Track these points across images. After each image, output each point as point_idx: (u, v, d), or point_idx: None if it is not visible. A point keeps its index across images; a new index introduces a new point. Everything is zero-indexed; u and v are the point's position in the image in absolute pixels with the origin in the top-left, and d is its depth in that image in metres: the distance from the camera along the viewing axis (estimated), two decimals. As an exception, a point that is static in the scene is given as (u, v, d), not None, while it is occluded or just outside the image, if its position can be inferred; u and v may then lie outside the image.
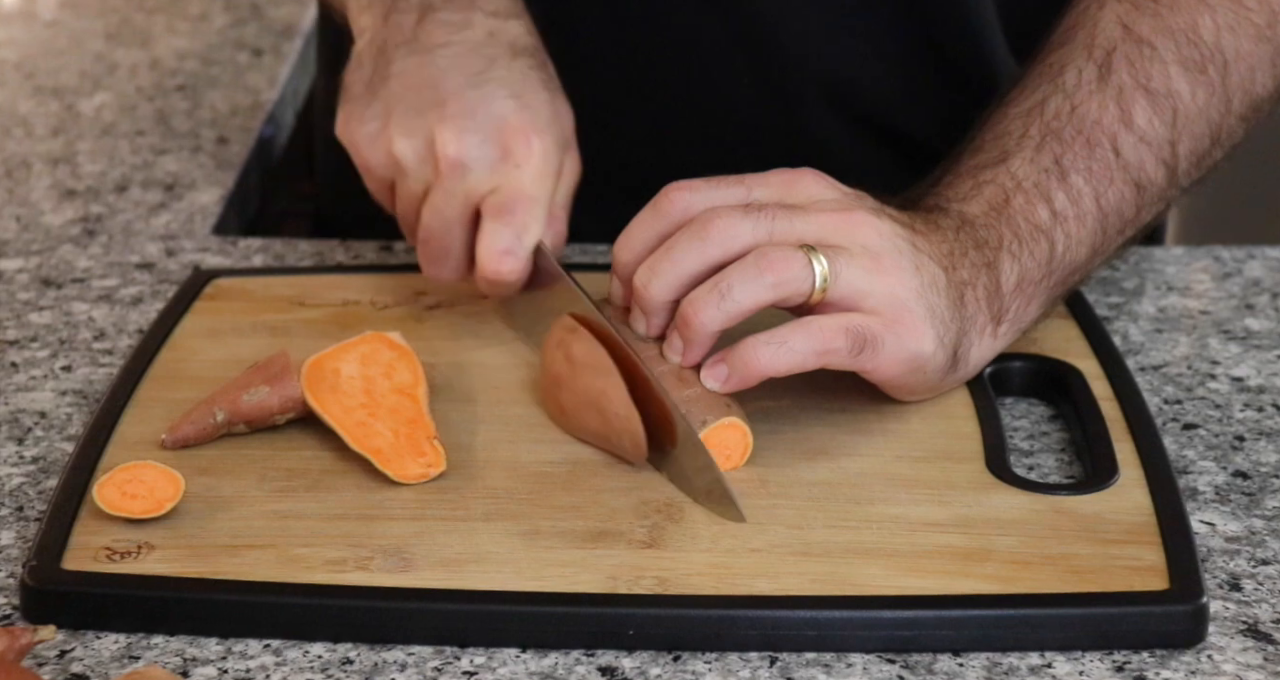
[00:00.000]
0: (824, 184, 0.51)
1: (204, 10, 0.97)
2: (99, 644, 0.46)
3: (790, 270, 0.48)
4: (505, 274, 0.54)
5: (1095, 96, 0.54)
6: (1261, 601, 0.47)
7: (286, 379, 0.52)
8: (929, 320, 0.50)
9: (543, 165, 0.54)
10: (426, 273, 0.57)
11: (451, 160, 0.53)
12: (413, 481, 0.50)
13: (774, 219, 0.48)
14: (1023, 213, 0.53)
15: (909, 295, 0.49)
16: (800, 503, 0.49)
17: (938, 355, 0.50)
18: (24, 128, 0.81)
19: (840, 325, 0.48)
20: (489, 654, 0.45)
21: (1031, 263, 0.52)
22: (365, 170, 0.56)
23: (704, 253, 0.48)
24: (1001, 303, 0.52)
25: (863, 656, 0.45)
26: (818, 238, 0.49)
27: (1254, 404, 0.57)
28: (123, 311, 0.64)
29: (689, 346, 0.49)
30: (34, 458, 0.54)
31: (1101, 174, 0.53)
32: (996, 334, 0.52)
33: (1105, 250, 0.55)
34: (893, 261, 0.49)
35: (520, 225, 0.54)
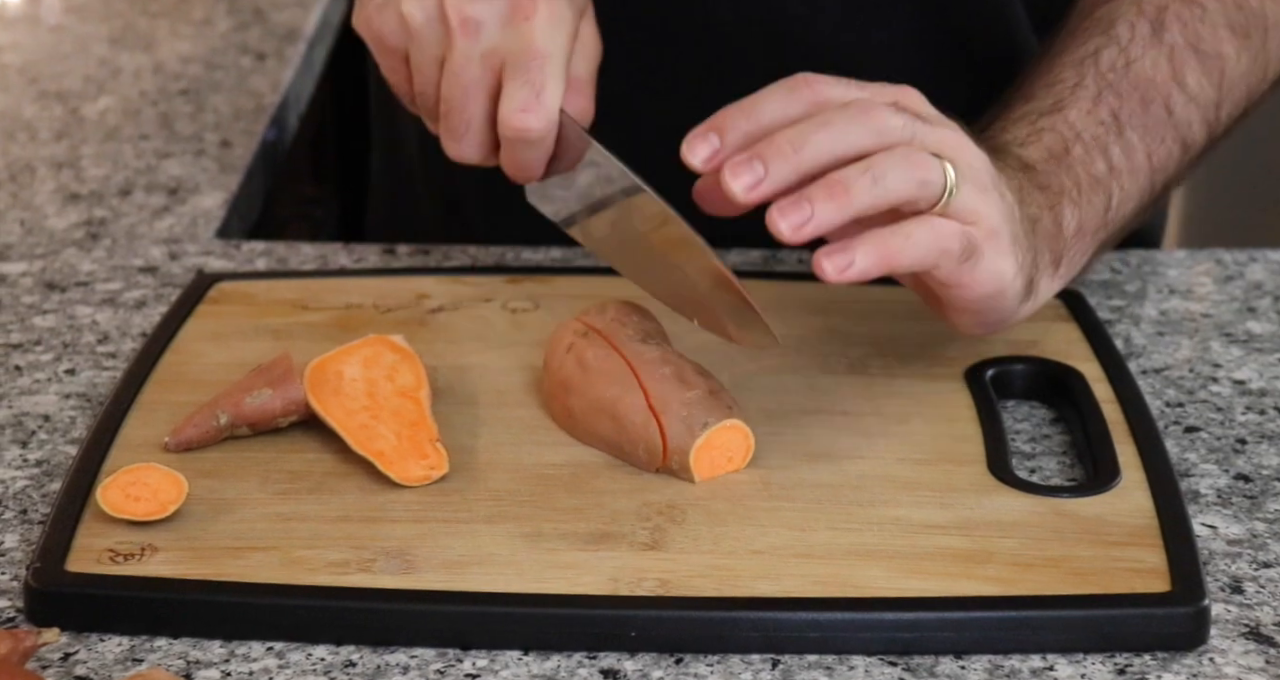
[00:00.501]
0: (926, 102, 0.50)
1: (207, 14, 0.98)
2: (103, 646, 0.46)
3: (933, 173, 0.47)
4: (526, 131, 0.52)
5: (1149, 53, 0.55)
6: (1263, 604, 0.47)
7: (289, 382, 0.52)
8: (1014, 246, 0.49)
9: (550, 17, 0.52)
10: (450, 152, 0.55)
11: (464, 17, 0.52)
12: (415, 484, 0.50)
13: (918, 117, 0.48)
14: (1082, 163, 0.53)
15: (1002, 219, 0.49)
16: (802, 505, 0.49)
17: (1017, 281, 0.50)
18: (28, 132, 0.81)
19: (957, 229, 0.48)
20: (491, 656, 0.45)
21: (1090, 212, 0.52)
22: (378, 45, 0.55)
23: (860, 137, 0.47)
24: (1063, 245, 0.52)
25: (865, 659, 0.45)
26: (940, 145, 0.48)
27: (1256, 407, 0.57)
28: (126, 315, 0.64)
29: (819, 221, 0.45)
30: (38, 461, 0.54)
31: (1155, 131, 0.54)
32: (1056, 275, 0.52)
33: (1148, 207, 0.55)
34: (992, 185, 0.49)
35: (537, 82, 0.52)
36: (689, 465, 0.50)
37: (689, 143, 0.47)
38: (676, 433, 0.50)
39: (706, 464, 0.50)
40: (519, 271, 0.65)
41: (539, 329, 0.59)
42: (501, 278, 0.63)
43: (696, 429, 0.49)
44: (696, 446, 0.49)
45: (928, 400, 0.55)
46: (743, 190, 0.46)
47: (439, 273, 0.64)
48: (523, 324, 0.60)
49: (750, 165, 0.46)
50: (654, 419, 0.50)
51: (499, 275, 0.64)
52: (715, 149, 0.47)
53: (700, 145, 0.47)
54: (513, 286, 0.63)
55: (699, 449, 0.50)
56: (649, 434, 0.50)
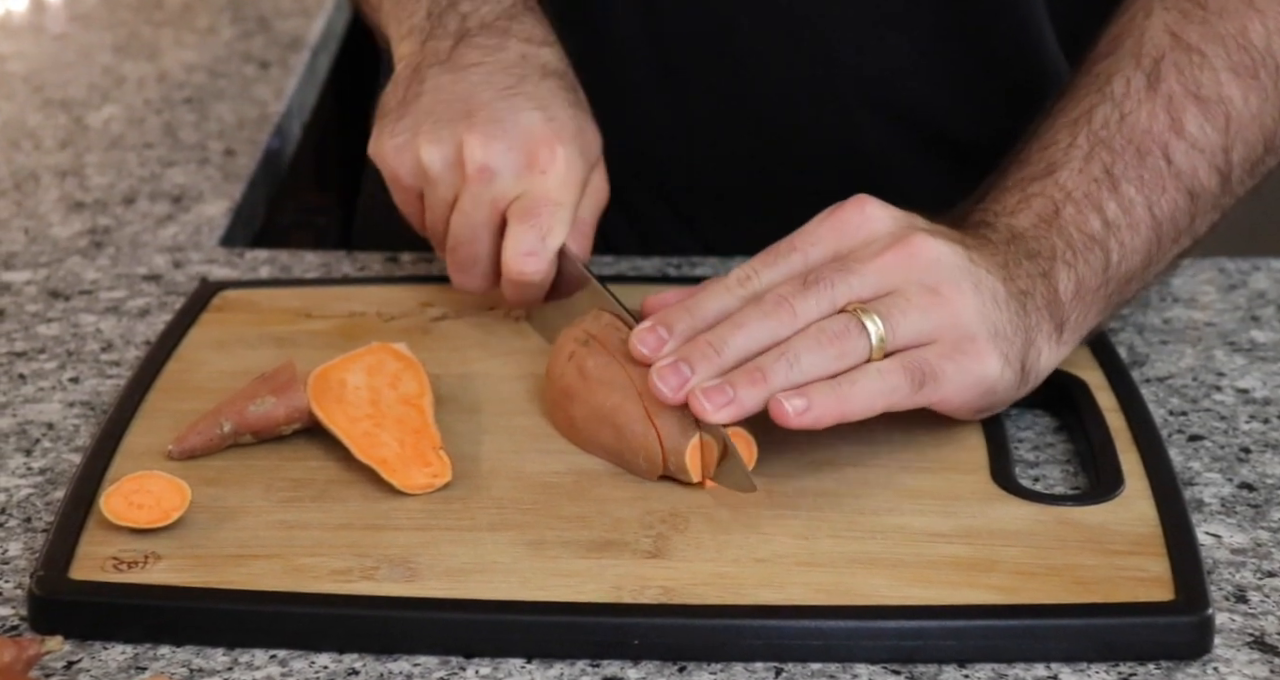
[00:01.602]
0: (874, 216, 0.51)
1: (211, 23, 0.98)
2: (106, 654, 0.46)
3: (849, 342, 0.49)
4: (529, 274, 0.55)
5: (1145, 105, 0.54)
6: (1268, 613, 0.47)
7: (293, 389, 0.53)
8: (992, 341, 0.50)
9: (567, 172, 0.55)
10: (456, 282, 0.58)
11: (479, 165, 0.55)
12: (418, 491, 0.50)
13: (834, 287, 0.49)
14: (1074, 223, 0.52)
15: (970, 318, 0.49)
16: (805, 513, 0.49)
17: (1006, 373, 0.50)
18: (32, 140, 0.82)
19: (897, 364, 0.49)
20: (494, 664, 0.45)
21: (1087, 271, 0.52)
22: (394, 182, 0.57)
23: (775, 331, 0.49)
24: (1062, 311, 0.52)
25: (868, 667, 0.45)
26: (875, 289, 0.50)
27: (1260, 416, 0.57)
28: (130, 323, 0.64)
29: (743, 402, 0.48)
30: (41, 469, 0.54)
31: (1154, 183, 0.53)
32: (1060, 341, 0.52)
33: (1161, 259, 0.54)
34: (951, 287, 0.50)
35: (544, 227, 0.54)
36: (685, 465, 0.49)
37: (637, 336, 0.50)
38: (671, 433, 0.50)
39: (711, 464, 0.50)
40: (522, 280, 0.65)
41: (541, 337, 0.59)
42: (505, 286, 0.63)
43: (690, 428, 0.49)
44: (691, 445, 0.49)
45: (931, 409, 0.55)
46: (671, 391, 0.49)
47: (442, 280, 0.64)
48: (525, 331, 0.60)
49: (678, 368, 0.49)
50: (653, 426, 0.50)
51: (502, 283, 0.64)
52: (662, 340, 0.50)
53: (648, 336, 0.50)
54: (516, 295, 0.63)
55: (694, 448, 0.49)
56: (648, 442, 0.50)
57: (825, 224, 0.51)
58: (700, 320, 0.50)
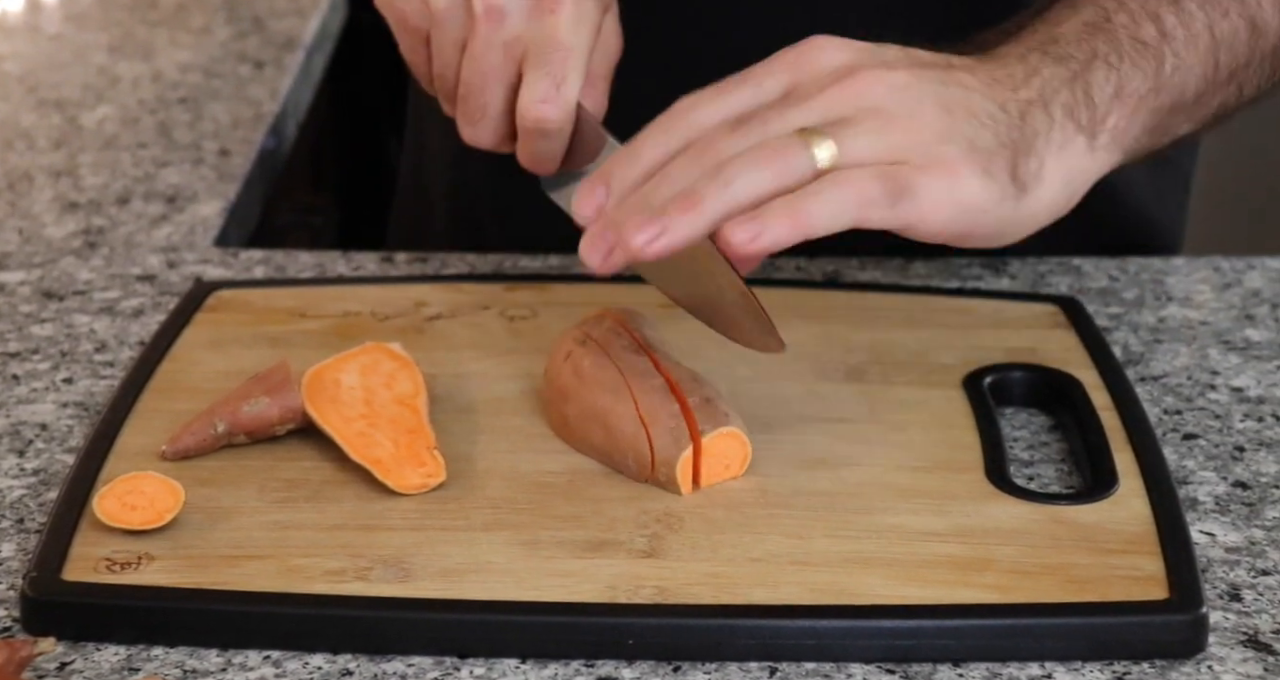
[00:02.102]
0: (833, 48, 0.48)
1: (206, 23, 0.98)
2: (99, 656, 0.46)
3: (786, 157, 0.45)
4: (545, 122, 0.52)
5: None
6: (1262, 612, 0.47)
7: (286, 389, 0.52)
8: (966, 156, 0.46)
9: (576, 12, 0.52)
10: (465, 136, 0.55)
11: (488, 5, 0.52)
12: (413, 491, 0.50)
13: (766, 123, 0.46)
14: (1126, 29, 0.50)
15: (932, 137, 0.46)
16: (800, 512, 0.49)
17: (990, 188, 0.46)
18: (26, 140, 0.81)
19: (871, 172, 0.45)
20: (489, 664, 0.45)
21: (1135, 73, 0.49)
22: (400, 24, 0.55)
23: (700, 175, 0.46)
24: (1094, 113, 0.48)
25: (862, 666, 0.45)
26: (820, 119, 0.46)
27: (1254, 414, 0.57)
28: (124, 323, 0.64)
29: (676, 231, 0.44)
30: (35, 470, 0.54)
31: (1217, 3, 0.51)
32: (1093, 146, 0.48)
33: (1213, 91, 0.51)
34: (907, 111, 0.46)
35: (558, 74, 0.52)
36: (675, 477, 0.49)
37: (579, 198, 0.47)
38: (663, 444, 0.50)
39: (704, 472, 0.50)
40: (517, 279, 0.65)
41: (537, 336, 0.59)
42: (499, 285, 0.63)
43: (683, 439, 0.49)
44: (682, 458, 0.49)
45: (926, 407, 0.55)
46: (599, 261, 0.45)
47: (437, 280, 0.64)
48: (520, 331, 0.60)
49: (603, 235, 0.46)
50: (643, 430, 0.50)
51: (497, 283, 0.64)
52: (601, 202, 0.47)
53: (587, 199, 0.47)
54: (510, 294, 0.63)
55: (685, 460, 0.49)
56: (638, 444, 0.50)
57: (782, 57, 0.48)
58: (641, 168, 0.47)
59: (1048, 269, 0.67)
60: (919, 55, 0.49)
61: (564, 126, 0.53)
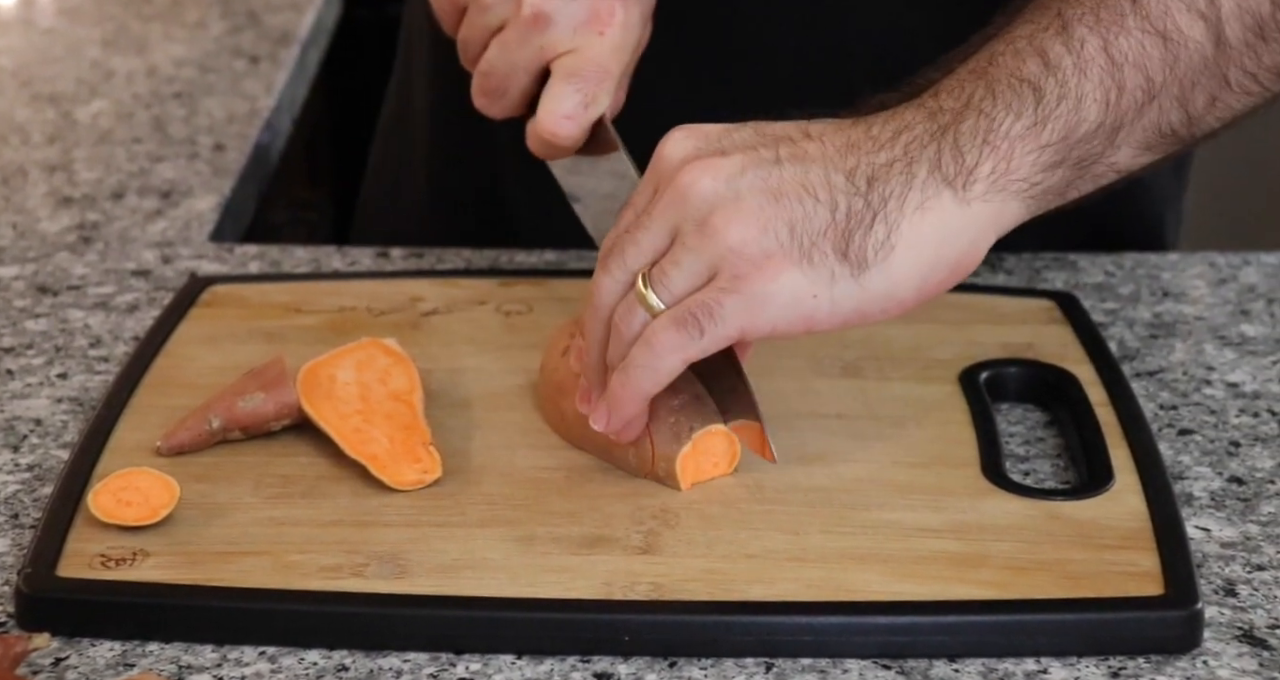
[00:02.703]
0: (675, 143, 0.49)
1: (201, 18, 0.97)
2: (94, 651, 0.45)
3: (631, 321, 0.48)
4: (562, 138, 0.53)
5: None
6: (1257, 607, 0.47)
7: (282, 385, 0.52)
8: (784, 249, 0.46)
9: (623, 38, 0.53)
10: (477, 103, 0.56)
11: (536, 11, 0.53)
12: (408, 487, 0.50)
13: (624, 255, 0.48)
14: (1006, 69, 0.48)
15: (742, 239, 0.46)
16: (796, 509, 0.49)
17: (815, 276, 0.46)
18: (20, 135, 0.81)
19: (668, 321, 0.47)
20: (484, 661, 0.45)
21: (1007, 113, 0.47)
22: None
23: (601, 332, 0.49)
24: (962, 162, 0.47)
25: (858, 662, 0.45)
26: (664, 236, 0.48)
27: (1249, 410, 0.57)
28: (119, 318, 0.64)
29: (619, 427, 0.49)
30: (29, 465, 0.54)
31: (1111, 22, 0.48)
32: (966, 198, 0.47)
33: (1130, 115, 0.48)
34: (721, 214, 0.47)
35: (590, 94, 0.53)
36: (675, 472, 0.49)
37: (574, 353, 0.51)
38: (664, 439, 0.50)
39: (692, 470, 0.50)
40: (512, 274, 0.65)
41: (532, 332, 0.59)
42: (495, 280, 0.63)
43: (684, 435, 0.49)
44: (683, 453, 0.49)
45: (922, 403, 0.55)
46: None
47: (432, 275, 0.64)
48: (516, 327, 0.60)
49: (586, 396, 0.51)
50: (646, 429, 0.50)
51: (492, 278, 0.64)
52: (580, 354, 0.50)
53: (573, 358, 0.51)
54: (506, 289, 0.63)
55: (685, 456, 0.49)
56: (639, 439, 0.50)
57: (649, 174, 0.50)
58: (597, 359, 0.50)
59: (1044, 264, 0.67)
60: (771, 130, 0.49)
61: (578, 142, 0.54)
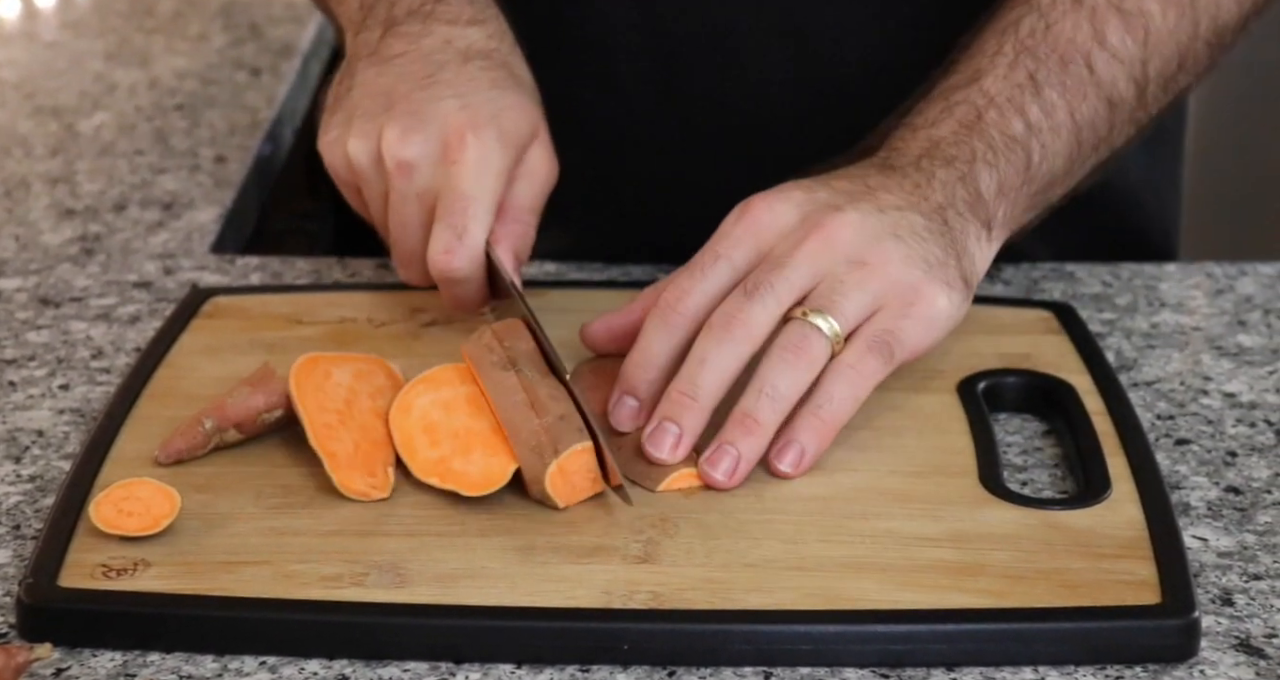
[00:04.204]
0: (779, 209, 0.52)
1: (203, 30, 0.98)
2: (95, 662, 0.46)
3: (811, 349, 0.49)
4: (449, 271, 0.55)
5: (1069, 15, 0.56)
6: (1253, 616, 0.47)
7: (271, 380, 0.53)
8: (930, 275, 0.51)
9: (479, 161, 0.54)
10: (400, 276, 0.58)
11: (397, 161, 0.55)
12: (353, 496, 0.50)
13: (774, 288, 0.50)
14: (996, 126, 0.54)
15: (901, 271, 0.50)
16: (795, 517, 0.49)
17: (954, 298, 0.51)
18: (23, 147, 0.82)
19: (863, 350, 0.50)
20: (484, 670, 0.45)
21: (1009, 169, 0.54)
22: (334, 175, 0.58)
23: (737, 353, 0.50)
24: (987, 209, 0.53)
25: (857, 671, 0.45)
26: (811, 279, 0.50)
27: (1246, 420, 0.58)
28: (120, 330, 0.64)
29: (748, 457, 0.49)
30: (31, 476, 0.54)
31: (1075, 89, 0.55)
32: (990, 238, 0.53)
33: (1082, 164, 0.56)
34: (874, 251, 0.51)
35: (459, 225, 0.54)
36: (547, 492, 0.49)
37: (614, 416, 0.51)
38: (530, 463, 0.49)
39: (565, 488, 0.49)
40: (512, 286, 0.65)
41: (532, 343, 0.59)
42: (495, 292, 0.64)
43: (548, 452, 0.49)
44: (550, 472, 0.49)
45: (920, 413, 0.55)
46: (669, 452, 0.49)
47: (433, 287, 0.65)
48: (516, 338, 0.60)
49: (665, 429, 0.50)
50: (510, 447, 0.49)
51: (492, 289, 0.64)
52: (635, 408, 0.51)
53: (623, 412, 0.51)
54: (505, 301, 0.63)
55: (553, 474, 0.49)
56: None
57: (738, 226, 0.52)
58: (658, 368, 0.51)
59: (1041, 275, 0.68)
60: (843, 187, 0.52)
61: (470, 273, 0.55)
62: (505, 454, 0.50)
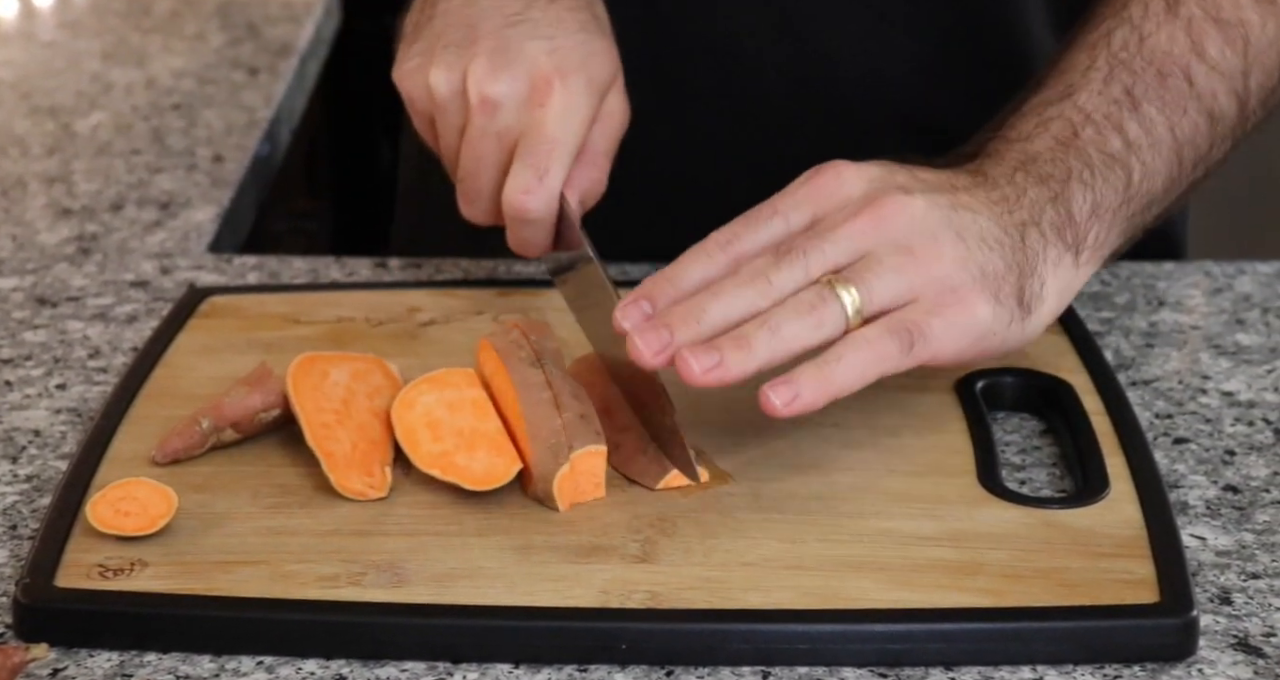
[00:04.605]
0: (849, 179, 0.51)
1: (200, 30, 0.98)
2: (92, 662, 0.46)
3: (825, 311, 0.48)
4: (525, 212, 0.54)
5: (1164, 27, 0.54)
6: (1252, 615, 0.47)
7: (268, 380, 0.53)
8: (979, 284, 0.49)
9: (565, 107, 0.54)
10: (463, 211, 0.57)
11: (482, 97, 0.54)
12: (351, 496, 0.50)
13: (806, 255, 0.49)
14: (1094, 143, 0.52)
15: (950, 269, 0.49)
16: (793, 517, 0.49)
17: (1000, 314, 0.49)
18: (20, 147, 0.81)
19: (883, 329, 0.48)
20: (482, 670, 0.45)
21: (1107, 189, 0.52)
22: (410, 105, 0.57)
23: (752, 301, 0.49)
24: (1077, 231, 0.51)
25: (855, 670, 0.45)
26: (849, 255, 0.49)
27: (1244, 418, 0.58)
28: (117, 329, 0.64)
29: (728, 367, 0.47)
30: (28, 476, 0.54)
31: (1175, 103, 0.53)
32: (1078, 263, 0.51)
33: (1181, 183, 0.54)
34: (926, 244, 0.49)
35: (541, 166, 0.54)
36: (552, 493, 0.49)
37: (622, 309, 0.49)
38: (542, 459, 0.49)
39: (570, 491, 0.49)
40: (510, 284, 0.65)
41: (530, 342, 0.59)
42: (493, 291, 0.64)
43: (562, 454, 0.48)
44: (560, 474, 0.48)
45: (918, 412, 0.55)
46: (651, 353, 0.48)
47: (430, 286, 0.65)
48: (514, 337, 0.60)
49: (658, 330, 0.48)
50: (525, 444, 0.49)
51: (490, 288, 0.64)
52: (646, 313, 0.49)
53: (633, 310, 0.49)
54: (504, 299, 0.63)
55: (563, 477, 0.48)
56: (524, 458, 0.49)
57: (805, 187, 0.51)
58: (681, 289, 0.49)
59: (1039, 274, 0.68)
60: (927, 178, 0.51)
61: (546, 215, 0.55)
62: (510, 455, 0.50)
